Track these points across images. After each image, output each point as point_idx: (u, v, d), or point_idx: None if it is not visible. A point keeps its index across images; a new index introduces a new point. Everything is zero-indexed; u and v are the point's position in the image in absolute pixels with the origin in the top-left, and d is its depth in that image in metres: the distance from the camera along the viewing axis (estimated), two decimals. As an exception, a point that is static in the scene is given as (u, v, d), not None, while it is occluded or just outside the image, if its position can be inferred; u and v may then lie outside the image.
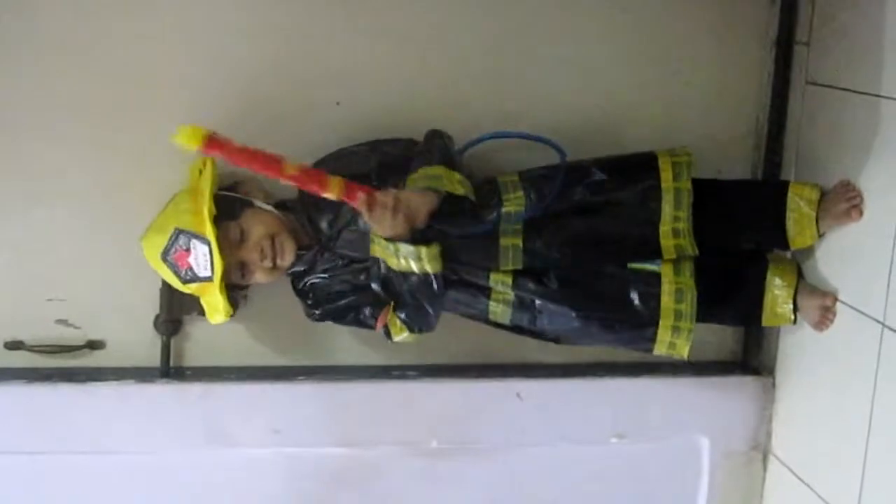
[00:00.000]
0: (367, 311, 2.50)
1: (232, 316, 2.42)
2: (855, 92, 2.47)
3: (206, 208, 2.34)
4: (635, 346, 2.53)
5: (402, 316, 2.44)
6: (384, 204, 2.23)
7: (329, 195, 2.27)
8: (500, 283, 2.45)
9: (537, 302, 2.47)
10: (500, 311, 2.49)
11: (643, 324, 2.47)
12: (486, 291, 2.47)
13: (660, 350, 2.50)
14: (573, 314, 2.47)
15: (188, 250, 2.34)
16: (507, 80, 2.65)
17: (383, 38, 2.60)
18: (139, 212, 2.47)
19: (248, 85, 2.55)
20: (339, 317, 2.53)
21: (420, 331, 2.45)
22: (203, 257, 2.33)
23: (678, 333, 2.47)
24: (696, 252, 2.44)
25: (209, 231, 2.32)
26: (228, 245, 2.36)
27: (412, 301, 2.39)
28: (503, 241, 2.41)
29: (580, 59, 2.70)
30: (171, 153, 2.45)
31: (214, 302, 2.39)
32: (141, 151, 2.54)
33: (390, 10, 2.60)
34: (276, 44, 2.57)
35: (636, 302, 2.46)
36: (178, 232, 2.34)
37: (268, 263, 2.40)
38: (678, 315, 2.45)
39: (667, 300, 2.45)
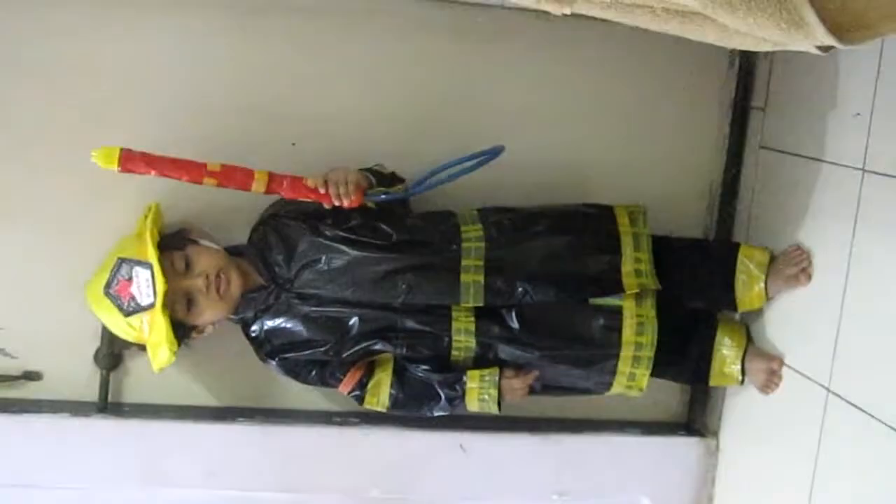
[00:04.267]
0: (332, 368, 2.49)
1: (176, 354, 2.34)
2: (807, 158, 2.49)
3: (149, 233, 2.30)
4: (596, 382, 2.52)
5: (395, 393, 2.48)
6: (335, 178, 2.33)
7: (256, 188, 2.33)
8: (463, 330, 2.43)
9: (499, 346, 2.45)
10: (461, 357, 2.46)
11: (605, 356, 2.47)
12: (448, 341, 2.44)
13: (619, 384, 2.50)
14: (537, 355, 2.46)
15: (130, 279, 2.29)
16: (463, 128, 2.65)
17: (340, 80, 2.61)
18: (85, 243, 2.46)
19: (204, 122, 2.55)
20: (300, 370, 2.49)
21: (394, 410, 2.51)
22: (145, 283, 2.27)
23: (638, 363, 2.47)
24: (658, 286, 2.45)
25: (151, 253, 2.28)
26: (172, 273, 2.32)
27: (425, 394, 2.47)
28: (464, 278, 2.40)
29: (537, 112, 2.72)
30: (120, 186, 2.48)
31: (158, 338, 2.31)
32: (90, 183, 2.51)
33: (349, 53, 2.61)
34: (233, 83, 2.58)
35: (597, 336, 2.45)
36: (121, 262, 2.30)
37: (213, 295, 2.35)
38: (639, 346, 2.45)
39: (628, 333, 2.45)
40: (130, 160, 2.25)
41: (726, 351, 2.60)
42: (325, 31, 2.59)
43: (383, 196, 2.38)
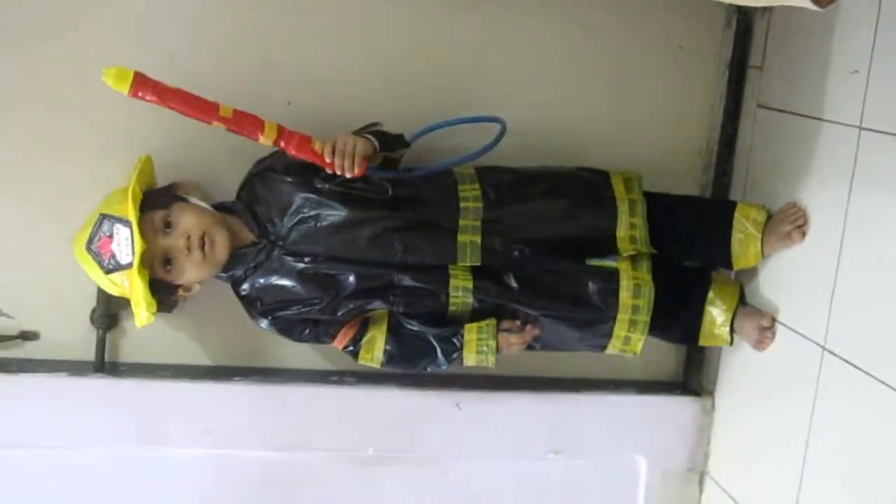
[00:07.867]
0: (326, 326, 2.48)
1: (155, 315, 2.33)
2: (805, 116, 2.48)
3: (131, 189, 2.27)
4: (591, 343, 2.53)
5: (391, 349, 2.47)
6: (342, 148, 2.28)
7: (264, 140, 2.28)
8: (461, 287, 2.43)
9: (497, 304, 2.45)
10: (459, 312, 2.46)
11: (602, 319, 2.47)
12: (445, 298, 2.44)
13: (613, 346, 2.51)
14: (534, 314, 2.47)
15: (111, 236, 2.26)
16: (459, 88, 2.65)
17: (334, 39, 2.60)
18: (80, 203, 2.42)
19: (198, 84, 2.48)
20: (293, 329, 2.48)
21: (388, 367, 2.50)
22: (125, 241, 2.25)
23: (634, 327, 2.48)
24: (652, 250, 2.46)
25: (130, 212, 2.25)
26: (152, 232, 2.29)
27: (420, 350, 2.46)
28: (461, 238, 2.40)
29: (534, 72, 2.71)
30: (114, 147, 2.47)
31: (137, 297, 2.29)
32: (84, 144, 2.52)
33: (342, 12, 2.59)
34: (228, 43, 2.56)
35: (595, 298, 2.46)
36: (103, 218, 2.28)
37: (196, 255, 2.32)
38: (635, 309, 2.46)
39: (625, 295, 2.45)
40: (143, 85, 2.20)
41: (716, 312, 2.60)
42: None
43: (384, 173, 2.36)
